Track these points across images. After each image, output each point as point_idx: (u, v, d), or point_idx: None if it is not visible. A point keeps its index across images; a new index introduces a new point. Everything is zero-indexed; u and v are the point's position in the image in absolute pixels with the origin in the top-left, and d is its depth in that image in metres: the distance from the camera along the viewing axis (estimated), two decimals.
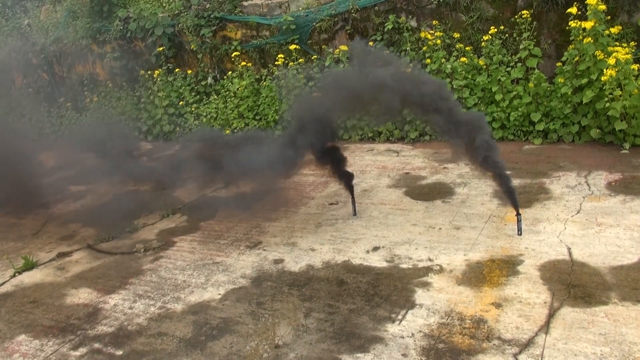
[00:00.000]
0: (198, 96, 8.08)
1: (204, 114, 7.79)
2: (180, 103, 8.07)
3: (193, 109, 7.93)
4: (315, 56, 7.24)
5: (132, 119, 8.56)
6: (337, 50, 6.99)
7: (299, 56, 7.24)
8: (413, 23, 6.71)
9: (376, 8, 6.84)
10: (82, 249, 4.68)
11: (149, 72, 8.40)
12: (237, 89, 7.48)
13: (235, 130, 7.52)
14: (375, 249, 3.88)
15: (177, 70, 8.21)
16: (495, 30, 5.93)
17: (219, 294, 3.56)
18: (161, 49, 8.29)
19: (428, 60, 6.18)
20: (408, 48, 6.49)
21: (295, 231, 4.38)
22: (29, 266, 4.40)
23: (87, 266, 4.32)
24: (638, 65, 4.81)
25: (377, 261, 3.70)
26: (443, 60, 6.11)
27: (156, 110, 8.23)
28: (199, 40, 8.05)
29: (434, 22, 6.46)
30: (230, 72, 7.80)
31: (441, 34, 6.25)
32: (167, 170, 5.34)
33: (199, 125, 7.93)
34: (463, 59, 5.97)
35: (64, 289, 3.97)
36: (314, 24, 7.29)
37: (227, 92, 7.69)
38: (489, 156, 3.69)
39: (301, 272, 3.70)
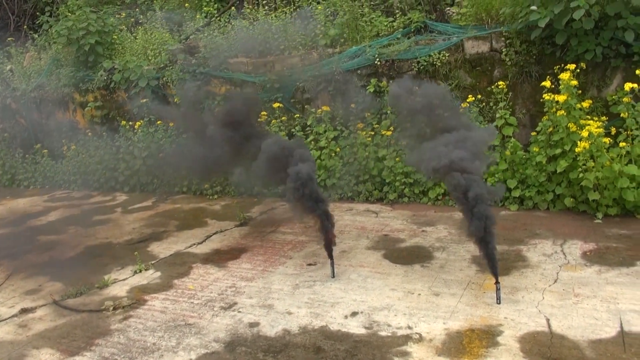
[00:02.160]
0: (179, 148, 8.03)
1: (183, 166, 7.72)
2: (160, 155, 8.01)
3: (172, 161, 7.87)
4: (298, 114, 7.34)
5: (110, 169, 8.45)
6: (320, 110, 7.10)
7: (281, 114, 7.33)
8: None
9: (359, 72, 7.04)
10: (47, 305, 4.46)
11: (130, 122, 8.38)
12: None
13: (214, 185, 7.48)
14: (354, 314, 3.80)
15: (158, 122, 8.21)
16: (473, 98, 6.13)
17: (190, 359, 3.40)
18: (144, 100, 8.31)
19: (408, 125, 6.30)
20: (388, 112, 6.63)
21: (272, 292, 4.28)
22: None
23: (51, 324, 4.11)
24: (609, 138, 4.99)
25: (355, 327, 3.60)
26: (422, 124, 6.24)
27: (135, 161, 8.15)
28: (182, 94, 8.09)
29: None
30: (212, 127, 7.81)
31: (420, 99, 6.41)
32: None
33: (177, 178, 7.86)
34: None
35: (25, 349, 3.75)
36: (298, 83, 7.44)
37: None
38: (487, 225, 3.72)
39: (277, 337, 3.58)
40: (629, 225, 4.92)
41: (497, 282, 3.76)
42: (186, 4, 9.95)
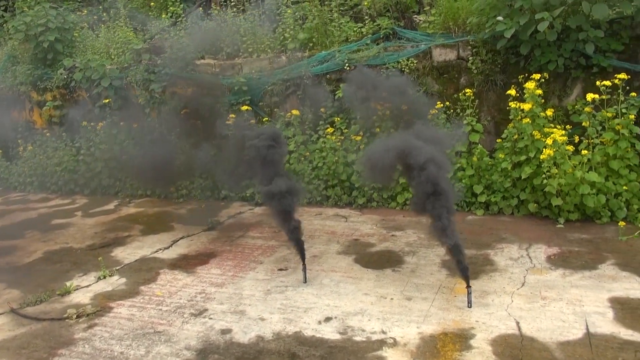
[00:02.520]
0: (142, 150, 7.83)
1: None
2: (124, 157, 7.78)
3: (136, 163, 7.67)
4: (267, 118, 7.28)
5: (69, 171, 8.15)
6: (289, 113, 7.07)
7: (250, 117, 7.25)
8: (363, 93, 6.93)
9: (328, 76, 7.05)
10: (4, 314, 4.24)
11: (92, 123, 8.12)
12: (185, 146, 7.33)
13: (180, 188, 7.32)
14: (328, 319, 3.78)
15: (121, 123, 7.98)
16: (441, 104, 6.23)
17: None
18: (107, 101, 8.07)
19: (378, 129, 6.36)
20: (357, 116, 6.66)
21: (243, 298, 4.21)
22: None
23: (9, 334, 3.91)
24: (572, 146, 5.17)
25: (329, 333, 3.59)
26: (392, 129, 6.31)
27: (96, 163, 7.90)
28: (147, 94, 7.93)
29: (383, 92, 6.71)
30: (177, 129, 7.66)
31: (390, 104, 6.48)
32: None
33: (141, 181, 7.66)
34: None
35: None
36: (267, 86, 7.39)
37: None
38: (450, 228, 3.77)
39: (250, 343, 3.52)
40: (589, 230, 5.10)
41: (468, 286, 3.82)
42: (152, 3, 9.73)
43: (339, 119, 6.79)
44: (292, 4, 7.93)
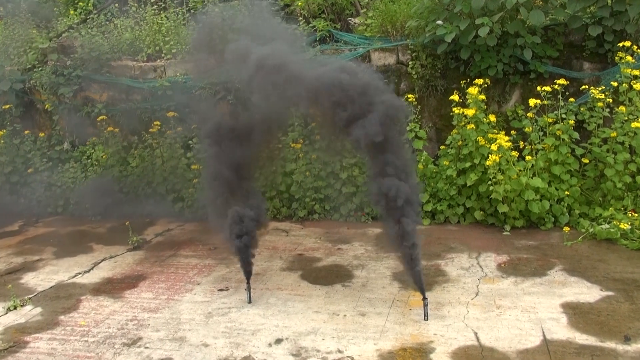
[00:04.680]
0: (51, 163, 7.42)
1: (58, 184, 7.15)
2: (29, 170, 7.32)
3: (44, 178, 7.24)
4: (196, 125, 7.13)
5: None
6: None
7: (177, 124, 7.07)
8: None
9: None
10: None
11: None
12: (102, 156, 7.03)
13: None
14: (279, 341, 3.74)
15: (26, 132, 7.51)
16: None
17: None
18: (7, 106, 7.55)
19: (317, 137, 6.42)
20: (295, 123, 6.69)
21: (182, 323, 4.08)
22: None
23: None
24: (515, 152, 5.50)
25: (282, 355, 3.55)
26: (333, 136, 6.39)
27: None
28: (55, 100, 7.52)
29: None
30: (93, 138, 7.35)
31: None
32: None
33: (50, 197, 7.25)
34: None
35: None
36: (194, 91, 7.25)
37: (89, 160, 7.20)
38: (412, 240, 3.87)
39: None
40: (535, 236, 5.43)
41: (424, 298, 3.93)
42: None
43: None
44: (219, 3, 7.86)
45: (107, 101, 7.56)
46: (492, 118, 5.79)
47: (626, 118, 5.57)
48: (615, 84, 5.67)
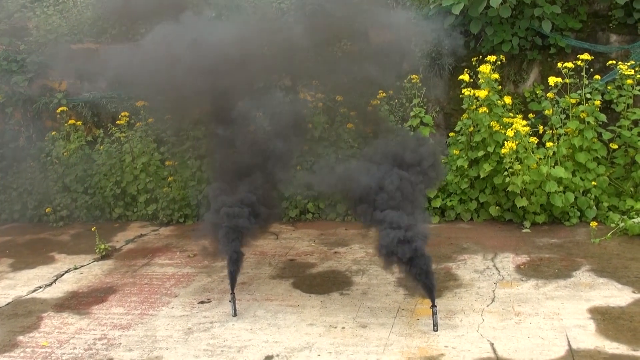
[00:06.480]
0: (5, 162, 7.42)
1: (14, 186, 7.16)
2: None
3: None
4: (169, 115, 7.13)
5: None
6: None
7: (147, 114, 7.08)
8: (287, 82, 7.00)
9: None
10: None
11: None
12: (63, 153, 7.05)
13: (59, 209, 7.00)
14: (268, 358, 3.76)
15: None
16: (384, 94, 6.42)
17: None
18: None
19: (310, 125, 6.43)
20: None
21: (158, 341, 4.09)
22: None
23: None
24: (535, 138, 5.52)
25: None
26: (327, 125, 6.42)
27: None
28: (8, 90, 7.53)
29: (313, 81, 6.81)
30: (52, 133, 7.35)
31: (322, 95, 6.59)
32: None
33: (4, 202, 7.27)
34: (349, 124, 6.34)
35: None
36: None
37: (48, 158, 7.21)
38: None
39: None
40: (558, 233, 5.47)
41: (433, 306, 3.95)
42: None
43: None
44: None
45: (68, 90, 7.60)
46: (508, 100, 5.81)
47: None
48: None
